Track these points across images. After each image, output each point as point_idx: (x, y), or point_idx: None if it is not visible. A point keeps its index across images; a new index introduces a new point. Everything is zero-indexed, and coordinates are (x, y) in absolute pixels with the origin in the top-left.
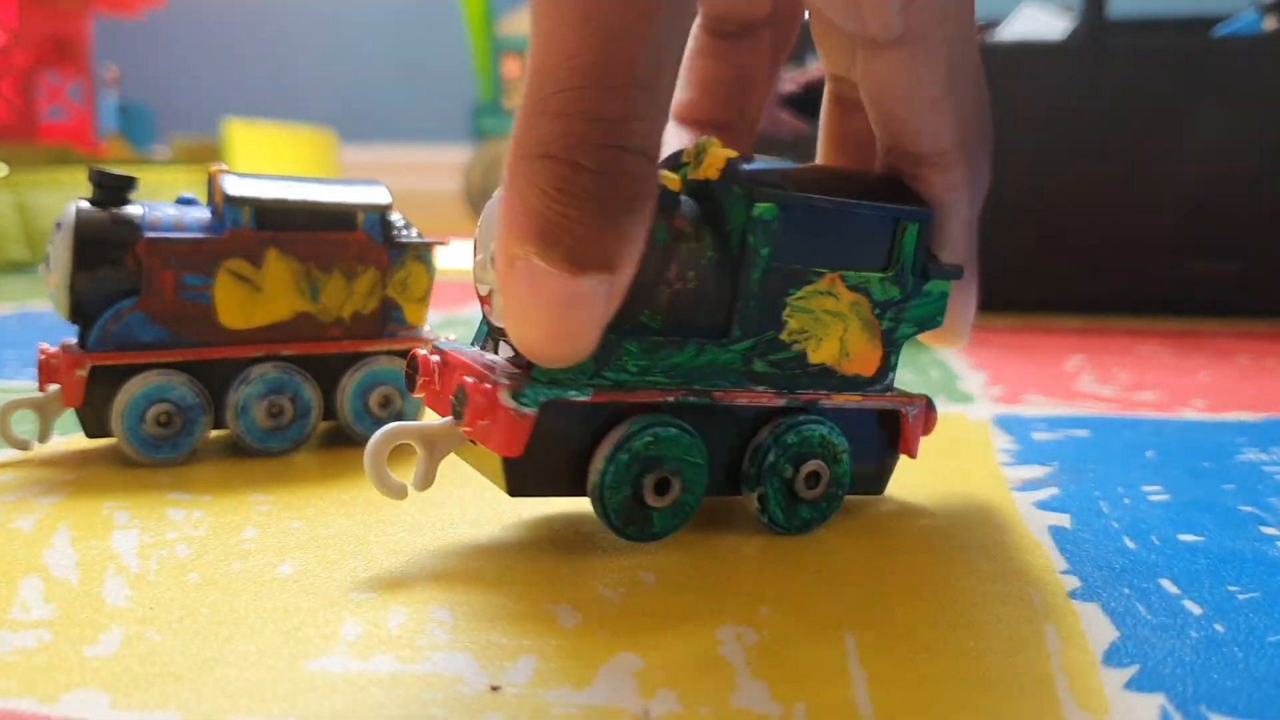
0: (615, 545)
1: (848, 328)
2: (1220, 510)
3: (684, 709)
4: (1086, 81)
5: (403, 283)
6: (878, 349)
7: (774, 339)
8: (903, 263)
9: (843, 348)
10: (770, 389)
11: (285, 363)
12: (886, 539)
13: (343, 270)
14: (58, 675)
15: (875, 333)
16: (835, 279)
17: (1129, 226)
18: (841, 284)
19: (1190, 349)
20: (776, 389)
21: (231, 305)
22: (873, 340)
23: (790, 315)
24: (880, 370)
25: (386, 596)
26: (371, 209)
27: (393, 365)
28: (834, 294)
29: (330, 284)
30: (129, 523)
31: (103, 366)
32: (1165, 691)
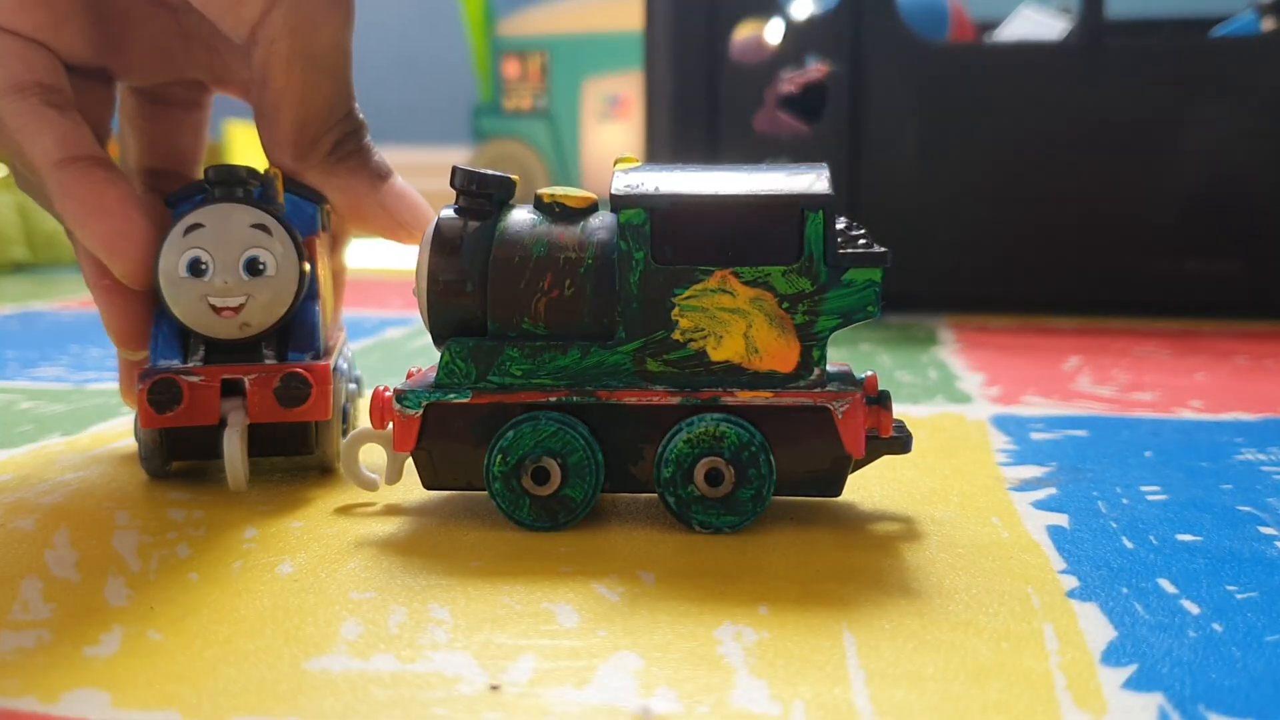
0: (615, 545)
1: (751, 324)
2: (1218, 510)
3: (683, 708)
4: (1084, 83)
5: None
6: (793, 344)
7: (665, 339)
8: (811, 254)
9: (749, 344)
10: (669, 388)
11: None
12: (884, 538)
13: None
14: (58, 675)
15: (787, 327)
16: (726, 275)
17: (1126, 227)
18: (735, 280)
19: (1188, 349)
20: (676, 387)
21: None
22: (784, 335)
23: (680, 315)
24: (801, 366)
25: (386, 596)
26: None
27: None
28: (728, 291)
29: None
30: (129, 522)
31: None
32: (1163, 691)
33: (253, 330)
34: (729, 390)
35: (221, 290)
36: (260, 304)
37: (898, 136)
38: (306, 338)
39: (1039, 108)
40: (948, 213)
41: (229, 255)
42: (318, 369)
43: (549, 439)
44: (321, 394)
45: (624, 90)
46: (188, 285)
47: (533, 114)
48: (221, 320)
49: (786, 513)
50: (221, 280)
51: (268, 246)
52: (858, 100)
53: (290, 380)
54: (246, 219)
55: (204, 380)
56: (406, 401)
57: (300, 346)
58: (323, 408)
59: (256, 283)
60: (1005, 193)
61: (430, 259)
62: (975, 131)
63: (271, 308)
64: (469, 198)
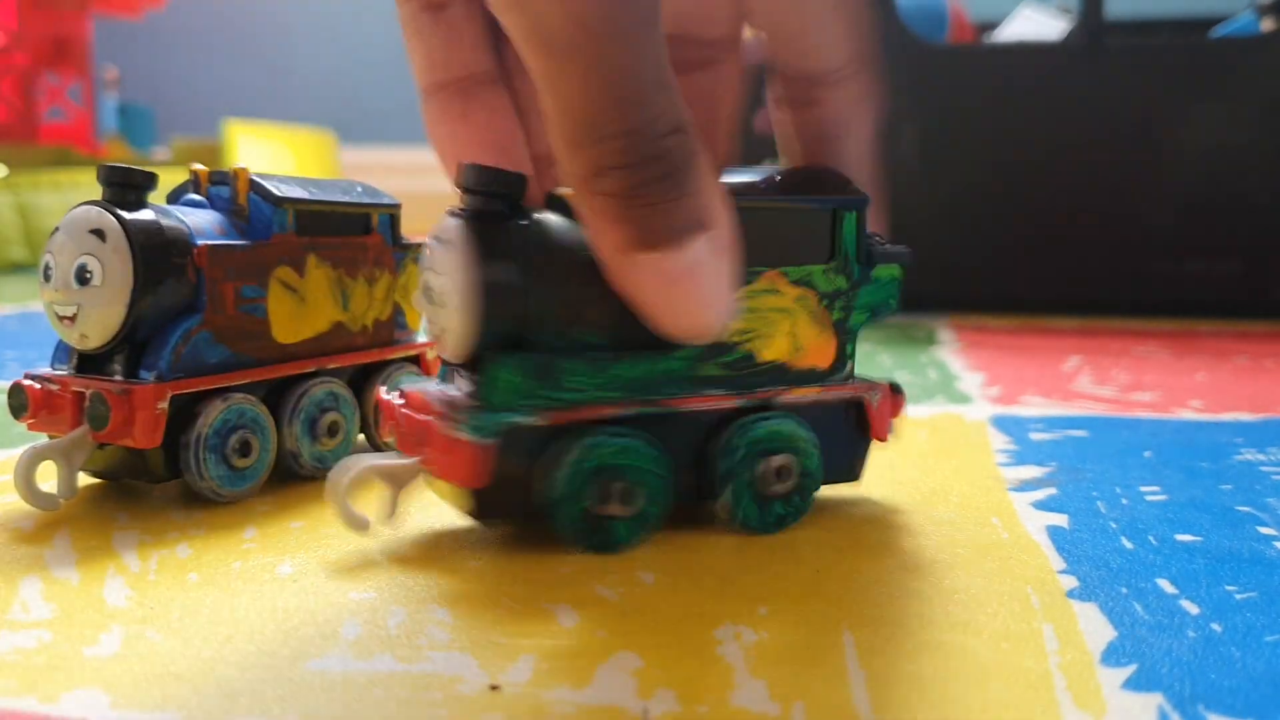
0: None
1: (796, 323)
2: (1218, 510)
3: (683, 708)
4: (1084, 83)
5: (404, 286)
6: (831, 340)
7: (720, 343)
8: (845, 252)
9: (794, 343)
10: (724, 391)
11: (329, 377)
12: (885, 539)
13: (364, 275)
14: (57, 675)
15: (826, 324)
16: (776, 276)
17: (1126, 227)
18: (783, 280)
19: (1188, 349)
20: (731, 391)
21: (282, 318)
22: (824, 332)
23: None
24: (837, 360)
25: (386, 596)
26: (383, 209)
27: (411, 371)
28: (777, 290)
29: (356, 290)
30: (129, 522)
31: (180, 396)
32: (1163, 691)
33: (91, 342)
34: (779, 389)
35: (58, 298)
36: (91, 315)
37: (897, 137)
38: (153, 356)
39: (1038, 108)
40: (947, 213)
41: (65, 261)
42: (134, 391)
43: (620, 454)
44: (129, 418)
45: None
46: (44, 291)
47: None
48: (65, 329)
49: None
50: (54, 288)
51: (97, 254)
52: None
53: (95, 400)
54: (86, 224)
55: (58, 390)
56: (474, 427)
57: (146, 365)
58: (140, 433)
59: (85, 292)
60: (1004, 193)
61: (471, 266)
62: (974, 132)
63: (103, 320)
64: (482, 198)
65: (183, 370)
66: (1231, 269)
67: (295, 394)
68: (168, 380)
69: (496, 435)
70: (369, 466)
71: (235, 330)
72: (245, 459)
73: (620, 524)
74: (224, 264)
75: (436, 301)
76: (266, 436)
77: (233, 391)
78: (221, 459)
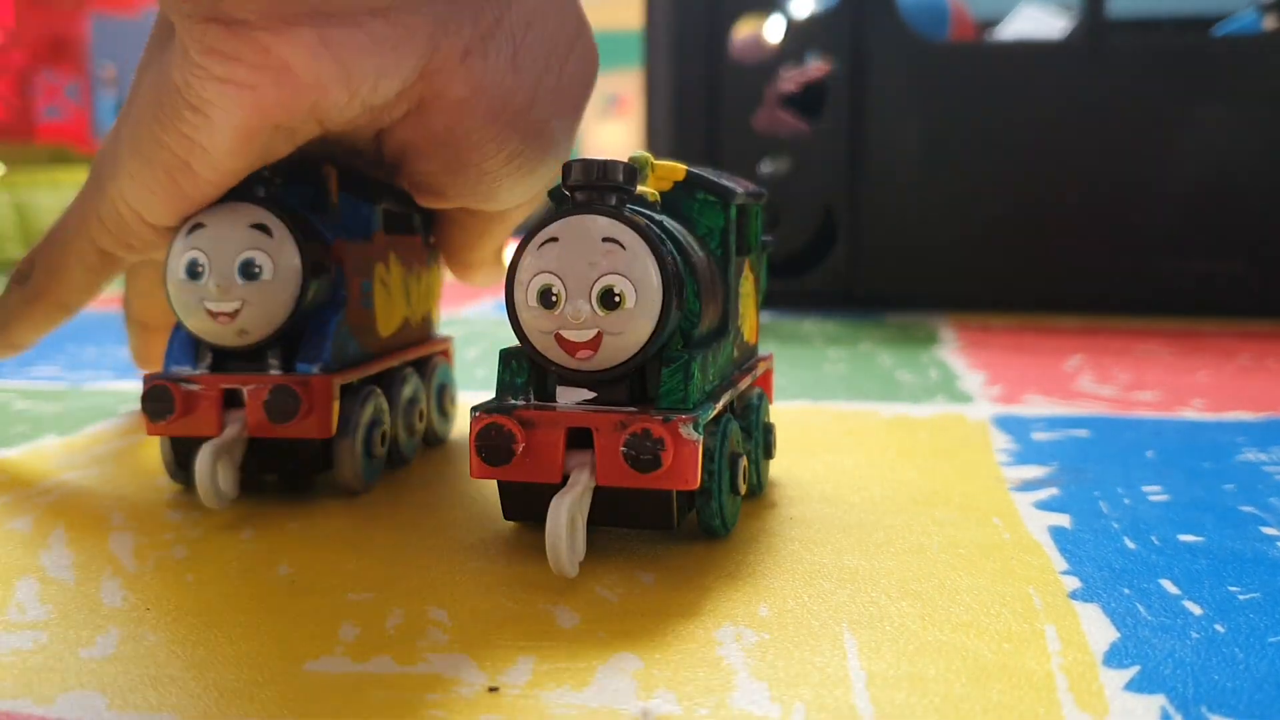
0: (614, 546)
1: (750, 305)
2: (1220, 510)
3: (683, 710)
4: (1085, 81)
5: (434, 284)
6: (757, 318)
7: (737, 327)
8: (759, 240)
9: (749, 323)
10: (741, 371)
11: (411, 369)
12: (886, 539)
13: (416, 273)
14: (53, 677)
15: (754, 304)
16: (745, 263)
17: (1128, 226)
18: (748, 268)
19: (1190, 349)
20: (745, 371)
21: (381, 313)
22: (756, 311)
23: (738, 302)
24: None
25: (384, 597)
26: (420, 209)
27: (447, 364)
28: (745, 277)
29: (414, 287)
30: (125, 523)
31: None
32: (1166, 693)
33: (252, 337)
34: (755, 364)
35: (215, 294)
36: (256, 310)
37: (898, 135)
38: (315, 348)
39: (1040, 106)
40: (948, 211)
41: (225, 257)
42: (314, 382)
43: (739, 441)
44: (313, 409)
45: (623, 89)
46: (187, 289)
47: None
48: (218, 326)
49: (786, 513)
50: (215, 284)
51: (265, 249)
52: (858, 99)
53: (279, 393)
54: (247, 219)
55: (202, 389)
56: (698, 428)
57: (308, 357)
58: (318, 424)
59: (251, 287)
60: (1006, 191)
61: (654, 263)
62: (976, 130)
63: (269, 314)
64: (592, 191)
65: (337, 363)
66: (1234, 268)
67: (393, 386)
68: (332, 372)
69: (701, 433)
70: (577, 505)
71: (359, 324)
72: (381, 448)
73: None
74: (352, 259)
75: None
76: (389, 426)
77: (368, 383)
78: (366, 450)
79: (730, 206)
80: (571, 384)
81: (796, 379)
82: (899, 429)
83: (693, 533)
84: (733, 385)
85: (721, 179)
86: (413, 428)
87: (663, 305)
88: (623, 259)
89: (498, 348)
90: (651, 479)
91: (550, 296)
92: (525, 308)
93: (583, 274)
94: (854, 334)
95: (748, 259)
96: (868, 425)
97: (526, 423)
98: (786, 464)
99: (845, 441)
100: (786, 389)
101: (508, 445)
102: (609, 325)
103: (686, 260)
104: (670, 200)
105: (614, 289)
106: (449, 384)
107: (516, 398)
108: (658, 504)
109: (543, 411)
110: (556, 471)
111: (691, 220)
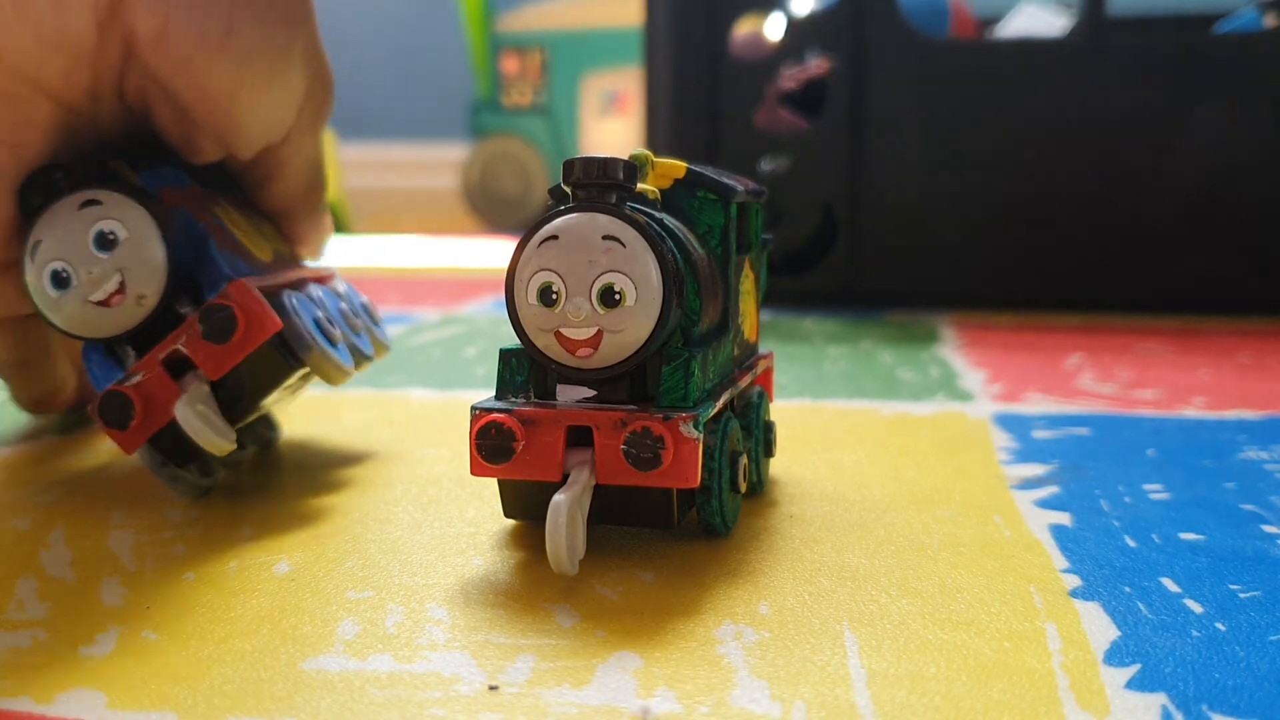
0: (614, 544)
1: (748, 303)
2: (1221, 509)
3: (683, 708)
4: (1086, 79)
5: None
6: (757, 316)
7: (738, 325)
8: (759, 238)
9: (749, 321)
10: (740, 369)
11: None
12: (886, 537)
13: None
14: (53, 675)
15: (755, 302)
16: (745, 261)
17: (1128, 224)
18: (749, 266)
19: (1190, 347)
20: (742, 368)
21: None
22: (757, 310)
23: (739, 300)
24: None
25: (384, 595)
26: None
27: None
28: (745, 275)
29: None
30: (125, 521)
31: None
32: (1166, 691)
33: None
34: (755, 362)
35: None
36: (616, 339)
37: (898, 133)
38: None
39: (1041, 104)
40: (949, 210)
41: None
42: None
43: (739, 439)
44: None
45: (623, 86)
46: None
47: (532, 110)
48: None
49: (787, 511)
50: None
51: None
52: (858, 97)
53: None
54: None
55: (145, 375)
56: (698, 426)
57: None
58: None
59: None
60: (1007, 189)
61: (654, 261)
62: (977, 128)
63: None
64: (592, 190)
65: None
66: (1234, 266)
67: None
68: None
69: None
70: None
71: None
72: None
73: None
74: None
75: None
76: None
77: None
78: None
79: (731, 204)
80: (571, 382)
81: (797, 377)
82: (899, 427)
83: (693, 531)
84: (733, 383)
85: (722, 177)
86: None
87: (663, 303)
88: (623, 257)
89: (497, 346)
90: (652, 477)
91: (550, 294)
92: (525, 305)
93: (583, 272)
94: (854, 332)
95: (748, 257)
96: (868, 423)
97: (526, 421)
98: (787, 462)
99: (846, 440)
100: (787, 387)
101: (508, 443)
102: (609, 323)
103: (687, 258)
104: (670, 198)
105: (614, 287)
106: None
107: (516, 396)
108: (658, 502)
109: (543, 410)
110: (556, 470)
111: (692, 218)
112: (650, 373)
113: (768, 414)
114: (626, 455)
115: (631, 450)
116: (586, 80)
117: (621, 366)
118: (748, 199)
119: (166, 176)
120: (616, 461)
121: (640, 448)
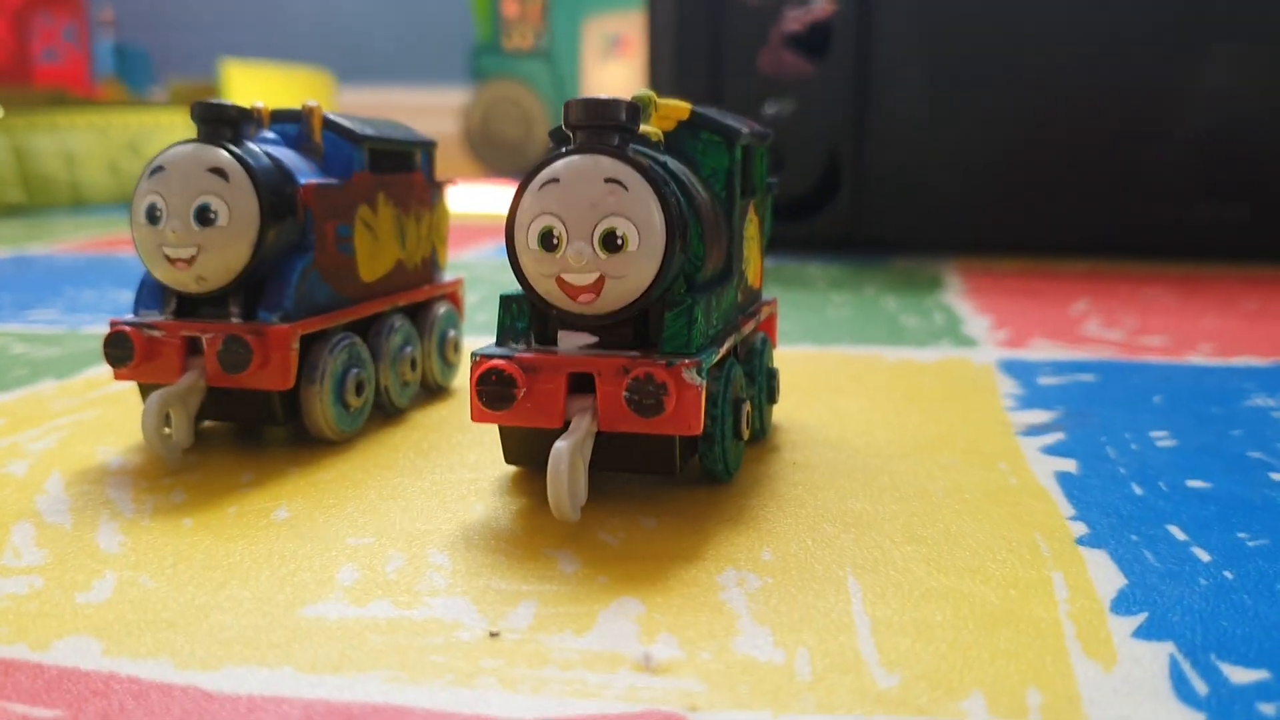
0: (616, 490)
1: (753, 248)
2: (1228, 456)
3: (685, 654)
4: (1095, 23)
5: (439, 224)
6: (760, 260)
7: (741, 270)
8: (764, 182)
9: (753, 266)
10: (744, 315)
11: (402, 314)
12: (890, 484)
13: (414, 213)
14: (49, 622)
15: (758, 247)
16: (749, 205)
17: (1134, 170)
18: (753, 211)
19: (1197, 293)
20: (745, 314)
21: (365, 256)
22: (761, 255)
23: (742, 245)
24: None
25: (384, 541)
26: (424, 146)
27: (449, 309)
28: (749, 220)
29: (410, 228)
30: (123, 468)
31: (307, 337)
32: (1174, 640)
33: (210, 284)
34: (758, 309)
35: (172, 240)
36: (213, 256)
37: (904, 76)
38: (276, 296)
39: (1047, 49)
40: (954, 154)
41: (181, 202)
42: (269, 332)
43: (741, 386)
44: (266, 360)
45: (625, 29)
46: (147, 233)
47: (533, 54)
48: (176, 271)
49: (790, 457)
50: (171, 229)
51: (221, 194)
52: (864, 39)
53: (230, 343)
54: (206, 162)
55: (164, 335)
56: (701, 373)
57: (269, 305)
58: (274, 375)
59: (207, 233)
60: (1013, 134)
61: (657, 205)
62: (983, 72)
63: (226, 260)
64: (593, 131)
65: (302, 310)
66: (1240, 213)
67: (382, 332)
68: (295, 320)
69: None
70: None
71: (335, 269)
72: (359, 397)
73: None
74: (325, 202)
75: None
76: (370, 374)
77: (340, 331)
78: (339, 398)
79: (736, 146)
80: (573, 328)
81: (800, 323)
82: (904, 373)
83: (695, 477)
84: (736, 329)
85: (726, 118)
86: (403, 376)
87: (666, 248)
88: (625, 200)
89: (499, 292)
90: (654, 424)
91: (551, 239)
92: (525, 251)
93: (584, 216)
94: (858, 278)
95: (752, 201)
96: (872, 370)
97: (528, 367)
98: (790, 408)
99: (849, 386)
100: (790, 333)
101: (508, 390)
102: (611, 268)
103: (690, 202)
104: (674, 140)
105: (616, 231)
106: (454, 330)
107: (517, 342)
108: (660, 449)
109: (544, 356)
110: (558, 416)
111: (695, 161)
112: (653, 319)
113: (771, 360)
114: (629, 402)
115: (634, 397)
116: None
117: (624, 312)
118: (753, 141)
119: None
120: (619, 408)
121: (643, 394)
